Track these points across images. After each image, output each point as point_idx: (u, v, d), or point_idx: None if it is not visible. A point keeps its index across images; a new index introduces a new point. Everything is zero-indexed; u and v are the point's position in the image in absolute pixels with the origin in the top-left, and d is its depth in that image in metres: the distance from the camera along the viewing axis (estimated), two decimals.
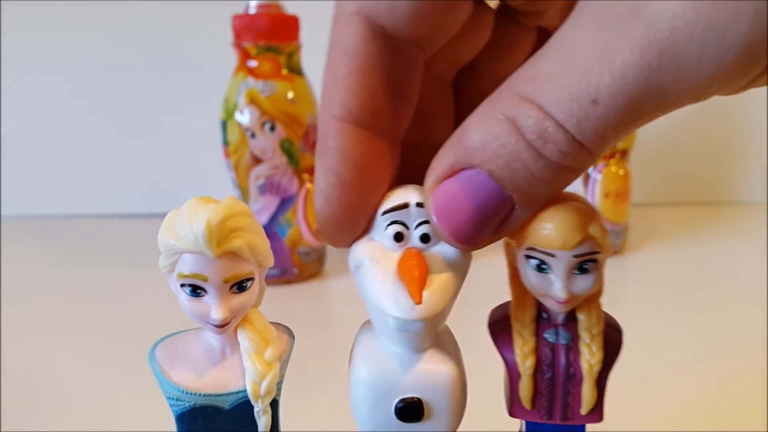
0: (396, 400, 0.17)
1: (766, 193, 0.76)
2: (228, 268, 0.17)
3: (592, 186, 0.57)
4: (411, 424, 0.18)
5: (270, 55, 0.51)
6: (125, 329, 0.44)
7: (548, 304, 0.18)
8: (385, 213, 0.17)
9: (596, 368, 0.18)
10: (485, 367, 0.22)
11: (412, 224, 0.17)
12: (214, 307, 0.17)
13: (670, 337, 0.42)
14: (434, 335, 0.18)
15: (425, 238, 0.17)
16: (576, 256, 0.16)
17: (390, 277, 0.17)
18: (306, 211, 0.53)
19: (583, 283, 0.17)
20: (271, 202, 0.53)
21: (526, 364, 0.18)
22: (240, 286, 0.17)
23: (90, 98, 0.75)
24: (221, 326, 0.17)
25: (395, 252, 0.17)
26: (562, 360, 0.18)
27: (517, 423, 0.20)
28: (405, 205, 0.17)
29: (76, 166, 0.77)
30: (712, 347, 0.40)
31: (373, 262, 0.17)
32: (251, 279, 0.18)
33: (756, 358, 0.38)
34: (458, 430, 0.18)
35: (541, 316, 0.18)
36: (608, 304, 0.20)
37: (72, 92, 0.75)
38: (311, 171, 0.54)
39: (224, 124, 0.52)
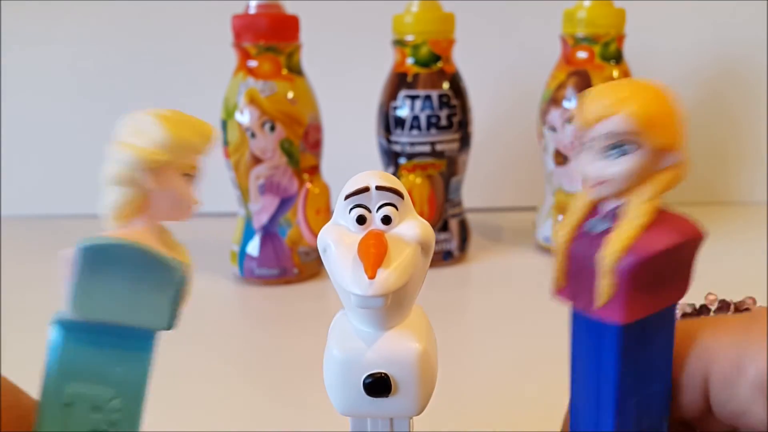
0: (364, 376, 0.18)
1: (766, 193, 0.76)
2: None
3: None
4: (380, 400, 0.18)
5: (270, 55, 0.51)
6: None
7: (588, 190, 0.17)
8: (347, 197, 0.18)
9: (608, 259, 0.16)
10: (480, 365, 0.22)
11: (374, 207, 0.18)
12: None
13: None
14: (400, 313, 0.19)
15: (386, 220, 0.18)
16: (606, 136, 0.16)
17: (351, 256, 0.17)
18: (306, 211, 0.53)
19: (612, 168, 0.16)
20: (271, 202, 0.53)
21: (559, 239, 0.17)
22: None
23: (90, 98, 0.75)
24: None
25: (359, 234, 0.18)
26: (594, 249, 0.17)
27: (523, 422, 0.20)
28: (366, 189, 0.18)
29: (76, 166, 0.77)
30: None
31: (338, 244, 0.18)
32: None
33: None
34: (460, 429, 0.18)
35: (596, 213, 0.18)
36: None
37: (72, 92, 0.75)
38: (311, 171, 0.54)
39: (224, 124, 0.52)
